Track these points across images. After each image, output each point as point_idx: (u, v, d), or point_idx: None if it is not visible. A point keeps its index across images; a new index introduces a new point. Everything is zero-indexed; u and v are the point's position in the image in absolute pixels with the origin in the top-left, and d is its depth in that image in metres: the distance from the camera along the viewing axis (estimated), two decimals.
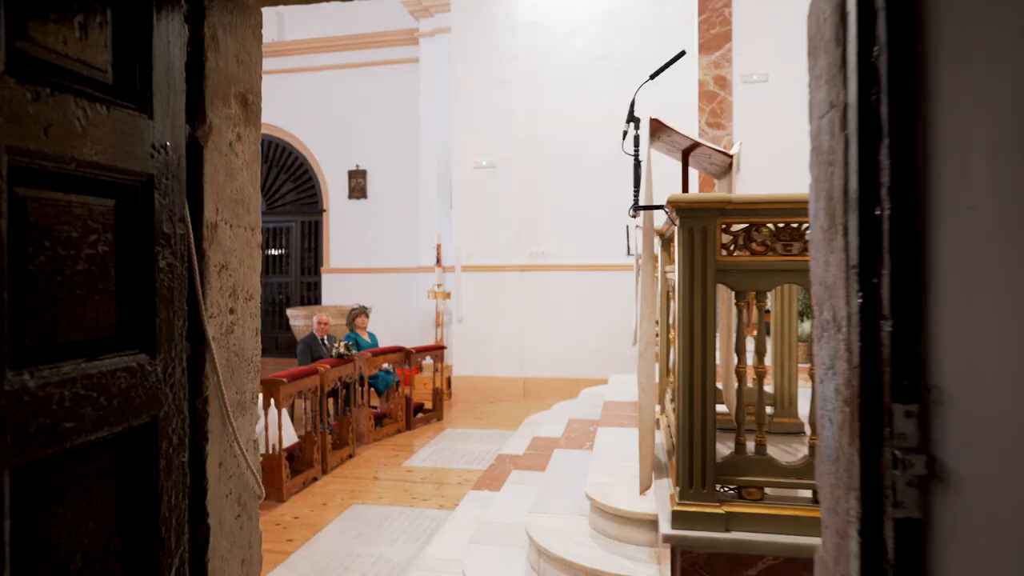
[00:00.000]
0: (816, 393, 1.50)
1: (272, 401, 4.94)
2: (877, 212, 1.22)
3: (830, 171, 1.40)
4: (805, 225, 2.68)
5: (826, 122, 1.42)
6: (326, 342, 7.31)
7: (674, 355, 3.93)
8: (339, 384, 6.24)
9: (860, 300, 1.28)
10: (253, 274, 1.90)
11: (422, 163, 10.85)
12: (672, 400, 3.66)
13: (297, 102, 12.06)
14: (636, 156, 3.51)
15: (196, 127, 1.64)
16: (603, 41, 9.07)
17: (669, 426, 3.62)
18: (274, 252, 12.78)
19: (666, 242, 4.04)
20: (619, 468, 3.65)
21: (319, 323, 7.42)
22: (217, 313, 1.68)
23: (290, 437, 5.88)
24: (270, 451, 4.93)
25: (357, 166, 11.80)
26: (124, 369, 1.33)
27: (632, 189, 3.46)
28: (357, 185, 11.78)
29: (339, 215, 11.96)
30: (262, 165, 10.85)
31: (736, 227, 2.75)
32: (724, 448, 2.84)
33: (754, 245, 2.71)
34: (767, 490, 2.68)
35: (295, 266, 12.52)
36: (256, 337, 1.92)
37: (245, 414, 1.83)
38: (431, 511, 4.79)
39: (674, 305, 3.93)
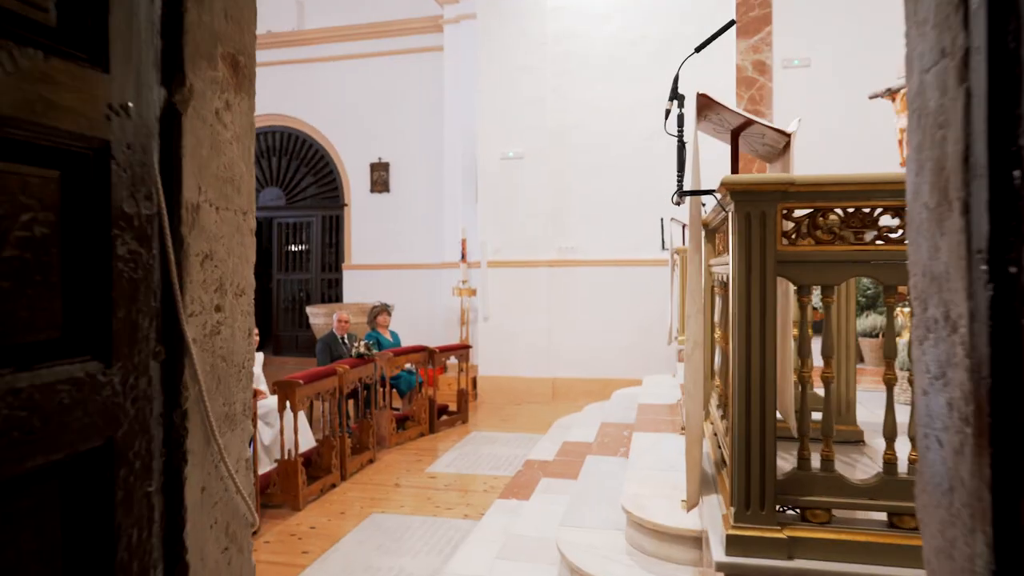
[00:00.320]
0: (917, 406, 1.19)
1: (288, 404, 4.69)
2: (1016, 181, 0.90)
3: (940, 135, 1.08)
4: (879, 210, 2.36)
5: (934, 76, 1.09)
6: (346, 341, 7.08)
7: (719, 357, 3.61)
8: (359, 385, 6.00)
9: (990, 293, 0.97)
10: (245, 266, 1.62)
11: (447, 155, 10.58)
12: (719, 406, 3.34)
13: (318, 93, 11.86)
14: (680, 137, 3.18)
15: (174, 90, 1.37)
16: (634, 25, 8.73)
17: (716, 435, 3.30)
18: (295, 248, 12.62)
19: (711, 233, 3.71)
20: (657, 478, 3.35)
21: (339, 321, 7.18)
22: (199, 311, 1.41)
23: (307, 441, 5.64)
24: (286, 456, 4.69)
25: (379, 159, 11.57)
26: (68, 381, 1.06)
27: (676, 174, 3.14)
28: (379, 178, 11.56)
29: (361, 209, 11.75)
30: (281, 158, 10.69)
31: (799, 212, 2.43)
32: (783, 463, 2.52)
33: (819, 233, 2.39)
34: (834, 512, 2.36)
35: (315, 262, 12.34)
36: (248, 339, 1.65)
37: (235, 429, 1.56)
38: (455, 521, 4.51)
39: (719, 302, 3.61)
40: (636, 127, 8.63)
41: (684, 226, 7.81)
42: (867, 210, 2.36)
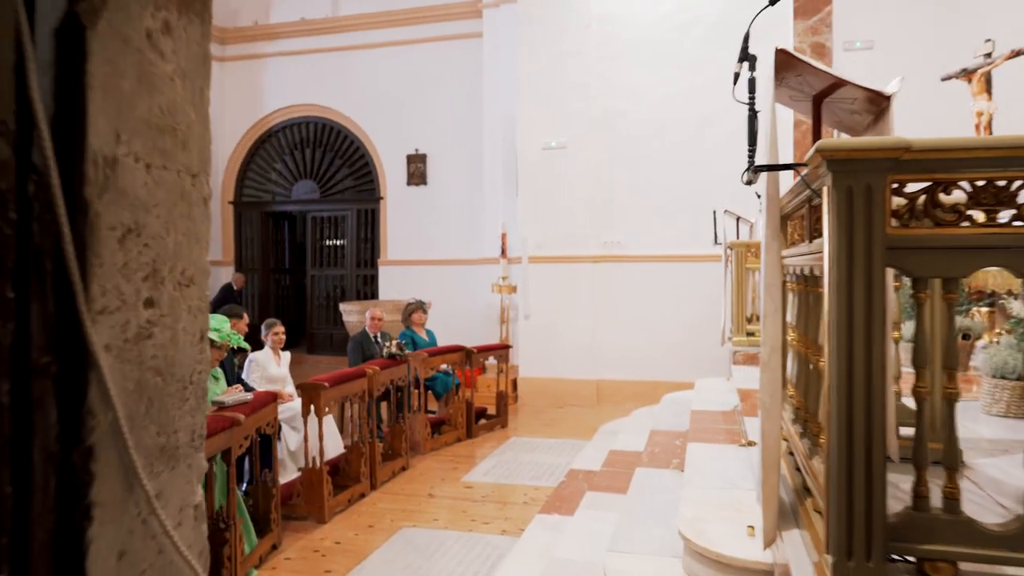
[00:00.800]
0: None
1: (312, 408, 4.34)
2: None
3: None
4: (1018, 183, 1.86)
5: None
6: (379, 340, 6.73)
7: (791, 363, 3.13)
8: (392, 387, 5.63)
9: None
10: (194, 247, 1.21)
11: (486, 146, 10.17)
12: (794, 421, 2.86)
13: (352, 82, 11.56)
14: (752, 104, 2.70)
15: None
16: (684, 7, 8.20)
17: (792, 453, 2.82)
18: (329, 243, 12.36)
19: (783, 220, 3.21)
20: (718, 497, 2.88)
21: (372, 319, 6.83)
22: (117, 307, 1.02)
23: (336, 447, 5.30)
24: (310, 464, 4.34)
25: (416, 150, 11.23)
26: None
27: (747, 148, 2.67)
28: (416, 170, 11.22)
29: (397, 203, 11.42)
30: (315, 149, 10.39)
31: (911, 187, 1.94)
32: (892, 500, 2.04)
33: (940, 212, 1.90)
34: (961, 566, 1.87)
35: (350, 258, 12.07)
36: (200, 345, 1.24)
37: (177, 466, 1.16)
38: (492, 537, 4.10)
39: (791, 300, 3.13)
40: (686, 114, 8.10)
41: (739, 218, 7.27)
42: (1003, 183, 1.86)
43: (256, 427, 3.62)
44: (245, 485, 4.06)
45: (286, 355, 5.67)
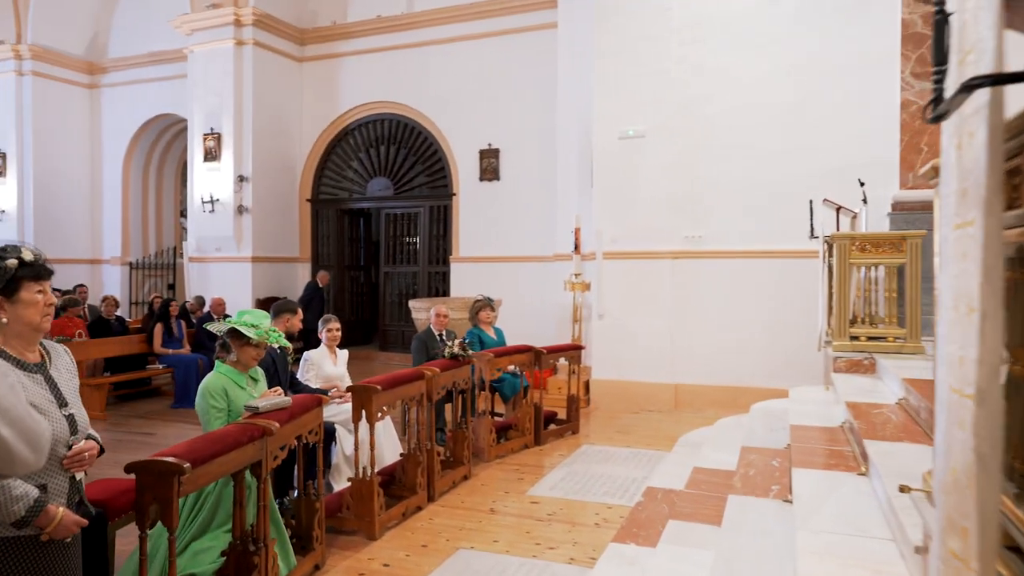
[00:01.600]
0: None
1: (363, 413, 3.98)
2: None
3: None
4: None
5: None
6: (444, 339, 6.36)
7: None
8: (455, 389, 5.24)
9: None
10: None
11: (560, 139, 9.70)
12: (1008, 478, 2.28)
13: (426, 78, 11.32)
14: (941, 5, 2.07)
15: None
16: None
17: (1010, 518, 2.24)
18: (403, 240, 12.14)
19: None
20: (846, 547, 2.28)
21: (437, 316, 6.47)
22: None
23: (394, 452, 4.95)
24: (360, 474, 3.98)
25: (489, 145, 10.87)
26: None
27: (932, 69, 2.07)
28: (489, 166, 10.86)
29: (469, 199, 11.09)
30: (389, 146, 10.15)
31: None
32: None
33: None
34: None
35: (423, 255, 11.81)
36: None
37: None
38: (560, 567, 3.64)
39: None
40: (777, 97, 7.41)
41: (840, 209, 6.54)
42: None
43: (296, 435, 3.27)
44: (293, 493, 3.73)
45: (343, 353, 5.36)
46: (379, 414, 4.07)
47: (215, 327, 3.32)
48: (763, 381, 7.26)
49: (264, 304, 10.34)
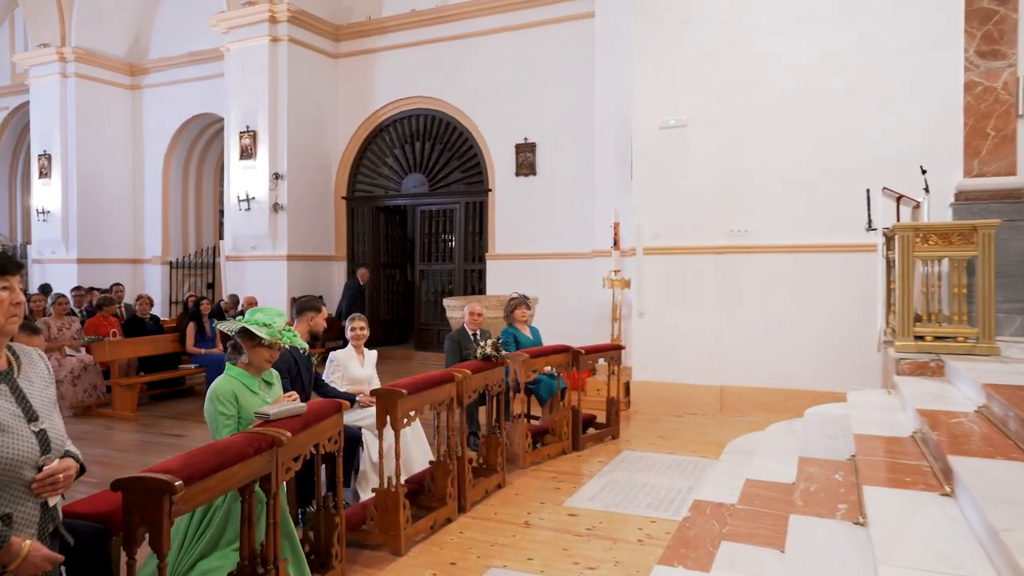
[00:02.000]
0: None
1: (388, 419, 3.73)
2: None
3: None
4: None
5: None
6: (478, 338, 6.10)
7: None
8: (488, 392, 4.96)
9: None
10: None
11: (598, 131, 9.35)
12: None
13: (461, 72, 11.09)
14: None
15: None
16: None
17: None
18: (438, 236, 11.92)
19: None
20: None
21: (470, 315, 6.21)
22: None
23: (425, 459, 4.70)
24: (385, 485, 3.73)
25: (525, 139, 10.58)
26: None
27: None
28: (525, 160, 10.57)
29: (505, 194, 10.82)
30: (424, 142, 9.94)
31: None
32: None
33: None
34: None
35: (459, 252, 11.57)
36: None
37: None
38: None
39: None
40: (827, 83, 6.96)
41: (900, 198, 6.08)
42: None
43: (313, 444, 3.03)
44: (309, 507, 3.50)
45: (371, 354, 5.13)
46: (405, 420, 3.81)
47: (226, 326, 3.09)
48: (815, 383, 6.84)
49: None
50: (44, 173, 13.65)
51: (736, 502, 3.69)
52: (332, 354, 4.95)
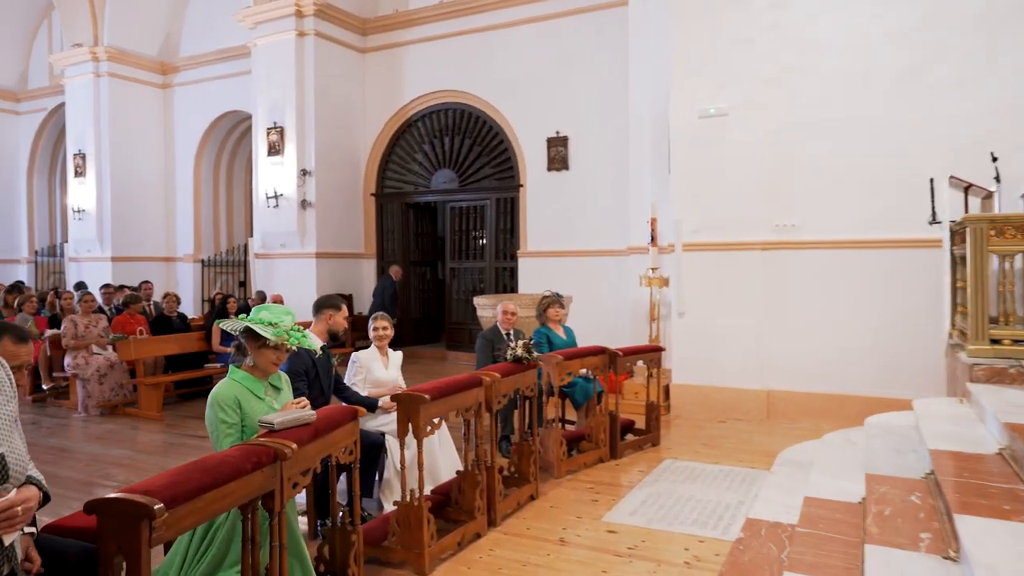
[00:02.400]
0: None
1: (410, 427, 3.42)
2: None
3: None
4: None
5: None
6: (511, 337, 5.78)
7: None
8: (519, 396, 4.64)
9: None
10: None
11: (633, 123, 8.95)
12: None
13: (491, 65, 10.78)
14: None
15: None
16: None
17: None
18: (469, 234, 11.62)
19: None
20: None
21: (503, 314, 5.90)
22: None
23: (452, 467, 4.40)
24: (407, 498, 3.42)
25: (557, 132, 10.23)
26: None
27: None
28: (557, 155, 10.22)
29: (537, 190, 10.49)
30: (453, 137, 9.63)
31: None
32: None
33: None
34: None
35: (490, 249, 11.26)
36: None
37: None
38: None
39: None
40: (886, 64, 6.49)
41: (968, 187, 5.60)
42: None
43: (324, 456, 2.74)
44: (328, 521, 3.21)
45: (396, 355, 4.84)
46: (428, 428, 3.50)
47: (228, 325, 2.81)
48: (871, 389, 6.39)
49: None
50: (79, 172, 13.69)
51: (796, 523, 3.31)
52: (354, 355, 4.68)
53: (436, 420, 3.61)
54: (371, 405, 4.46)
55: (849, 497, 3.54)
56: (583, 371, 5.63)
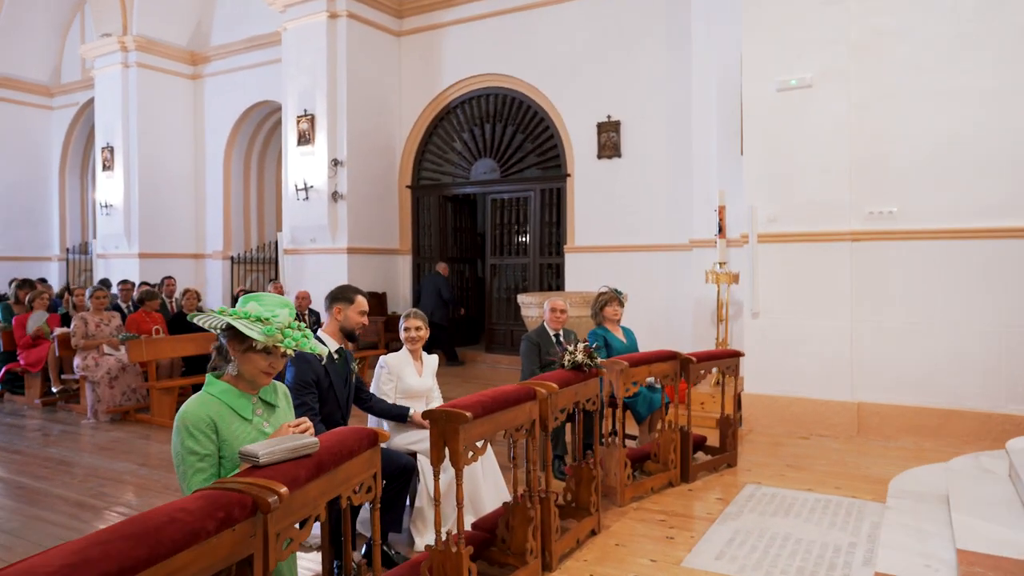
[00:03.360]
0: None
1: (447, 452, 2.65)
2: None
3: None
4: None
5: None
6: (560, 339, 4.99)
7: None
8: (576, 410, 3.85)
9: None
10: None
11: (696, 101, 8.09)
12: None
13: (536, 45, 10.00)
14: None
15: None
16: None
17: None
18: (511, 228, 10.85)
19: None
20: None
21: (552, 311, 5.10)
22: None
23: (497, 497, 3.63)
24: (443, 541, 2.65)
25: (608, 117, 9.40)
26: None
27: None
28: (608, 141, 9.38)
29: (585, 180, 9.66)
30: (495, 124, 8.72)
31: None
32: None
33: None
34: None
35: (534, 244, 10.46)
36: None
37: None
38: None
39: None
40: (1004, 23, 5.54)
41: None
42: None
43: (330, 497, 1.98)
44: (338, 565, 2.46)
45: (431, 359, 4.09)
46: (469, 453, 2.72)
47: (203, 320, 2.04)
48: (988, 404, 5.45)
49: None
50: (107, 166, 13.28)
51: None
52: (382, 359, 3.93)
53: (479, 443, 2.83)
54: (403, 415, 3.71)
55: (1016, 552, 2.68)
56: (649, 380, 4.81)
